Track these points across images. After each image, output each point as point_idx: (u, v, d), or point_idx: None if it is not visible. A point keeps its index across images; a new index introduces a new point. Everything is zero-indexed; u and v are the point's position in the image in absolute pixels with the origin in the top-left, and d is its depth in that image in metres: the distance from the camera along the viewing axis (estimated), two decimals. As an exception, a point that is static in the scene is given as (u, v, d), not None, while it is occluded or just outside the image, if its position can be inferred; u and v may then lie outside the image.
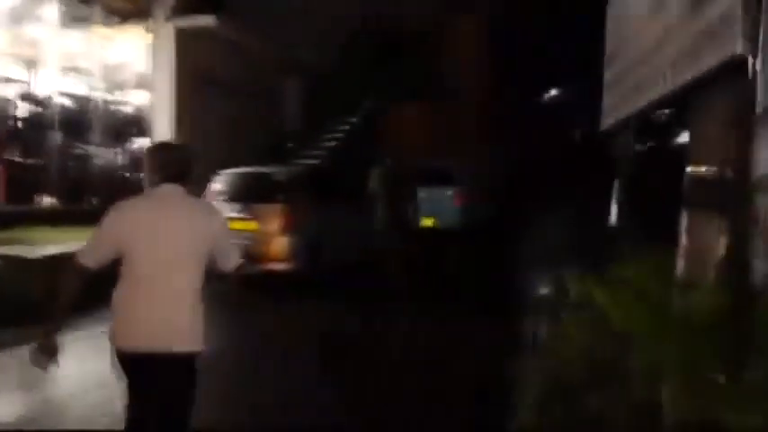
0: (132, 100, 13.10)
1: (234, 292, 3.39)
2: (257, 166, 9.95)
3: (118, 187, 12.34)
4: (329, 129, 15.49)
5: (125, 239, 2.80)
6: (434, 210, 12.80)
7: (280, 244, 8.65)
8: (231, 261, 3.03)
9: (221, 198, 9.14)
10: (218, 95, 13.20)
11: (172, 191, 2.88)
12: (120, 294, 2.85)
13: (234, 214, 8.91)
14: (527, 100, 30.93)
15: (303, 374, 5.32)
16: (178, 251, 2.83)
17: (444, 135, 17.95)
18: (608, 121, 5.43)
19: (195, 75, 12.79)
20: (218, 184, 9.34)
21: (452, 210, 13.42)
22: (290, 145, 14.81)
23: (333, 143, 14.96)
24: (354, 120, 15.86)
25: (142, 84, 13.01)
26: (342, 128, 15.55)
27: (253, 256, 8.80)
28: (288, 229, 8.70)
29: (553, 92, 37.86)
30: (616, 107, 5.13)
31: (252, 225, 8.82)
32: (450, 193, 13.49)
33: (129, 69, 12.94)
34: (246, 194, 9.08)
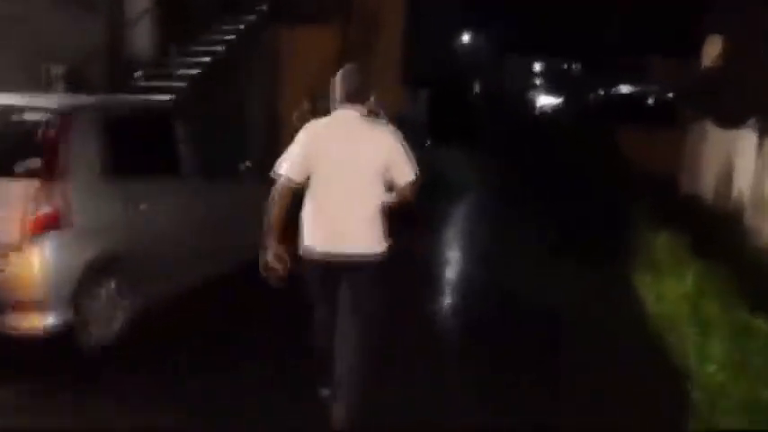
0: None
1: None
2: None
3: None
4: (191, 51, 10.34)
5: (314, 153, 3.26)
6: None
7: (30, 272, 3.69)
8: (404, 176, 3.30)
9: None
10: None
11: (349, 112, 3.32)
12: (308, 207, 3.31)
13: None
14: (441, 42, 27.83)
15: None
16: (356, 165, 3.25)
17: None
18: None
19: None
20: None
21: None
22: (138, 73, 9.66)
23: (196, 71, 9.82)
24: (231, 39, 10.75)
25: None
26: (212, 49, 10.42)
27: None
28: (50, 234, 3.76)
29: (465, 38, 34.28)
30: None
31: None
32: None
33: None
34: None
